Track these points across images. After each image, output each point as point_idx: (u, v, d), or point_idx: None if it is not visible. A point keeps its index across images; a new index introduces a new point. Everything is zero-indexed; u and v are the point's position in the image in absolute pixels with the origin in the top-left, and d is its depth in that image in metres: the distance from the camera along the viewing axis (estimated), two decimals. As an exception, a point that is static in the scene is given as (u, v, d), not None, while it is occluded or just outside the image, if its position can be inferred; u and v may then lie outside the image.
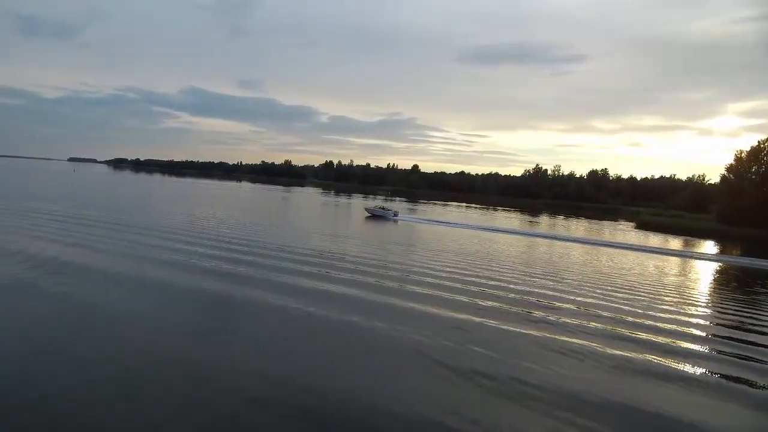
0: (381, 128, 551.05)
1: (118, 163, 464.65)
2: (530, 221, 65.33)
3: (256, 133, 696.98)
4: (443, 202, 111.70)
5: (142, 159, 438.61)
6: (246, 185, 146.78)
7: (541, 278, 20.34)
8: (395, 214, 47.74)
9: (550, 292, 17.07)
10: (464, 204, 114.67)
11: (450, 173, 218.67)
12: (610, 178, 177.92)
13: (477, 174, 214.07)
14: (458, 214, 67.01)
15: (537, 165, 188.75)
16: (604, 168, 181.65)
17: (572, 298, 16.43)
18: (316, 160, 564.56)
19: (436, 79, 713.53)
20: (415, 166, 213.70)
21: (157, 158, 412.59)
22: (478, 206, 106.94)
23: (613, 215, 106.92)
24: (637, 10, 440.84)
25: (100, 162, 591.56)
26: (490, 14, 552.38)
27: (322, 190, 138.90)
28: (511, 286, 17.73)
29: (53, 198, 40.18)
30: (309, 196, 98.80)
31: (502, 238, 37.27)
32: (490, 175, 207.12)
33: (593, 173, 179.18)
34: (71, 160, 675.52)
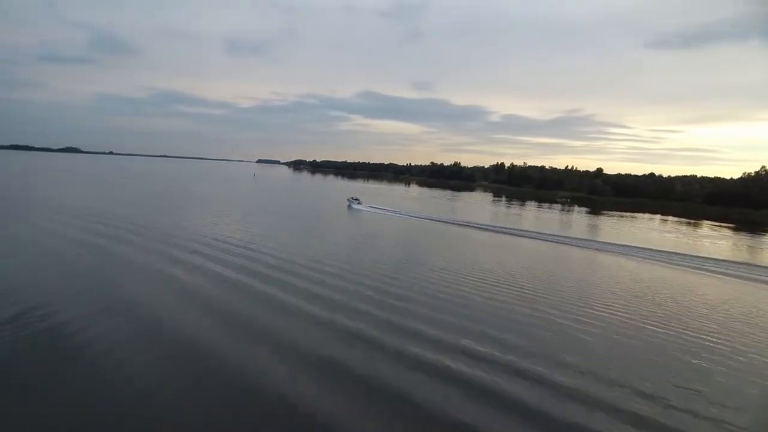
0: (556, 126, 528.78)
1: (297, 165, 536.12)
2: (749, 245, 57.79)
3: (426, 133, 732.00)
4: (631, 213, 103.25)
5: (318, 160, 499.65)
6: (414, 189, 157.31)
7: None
8: (359, 203, 68.84)
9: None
10: (658, 215, 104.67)
11: (637, 175, 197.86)
12: None
13: (670, 176, 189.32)
14: (645, 235, 62.55)
15: (762, 166, 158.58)
16: None
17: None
18: (486, 160, 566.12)
19: (620, 71, 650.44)
20: (599, 169, 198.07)
21: (332, 159, 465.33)
22: (676, 219, 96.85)
23: None
24: None
25: (283, 163, 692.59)
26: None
27: (492, 196, 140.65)
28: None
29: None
30: (477, 204, 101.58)
31: (703, 281, 33.09)
32: (692, 178, 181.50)
33: None
34: (259, 162, 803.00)
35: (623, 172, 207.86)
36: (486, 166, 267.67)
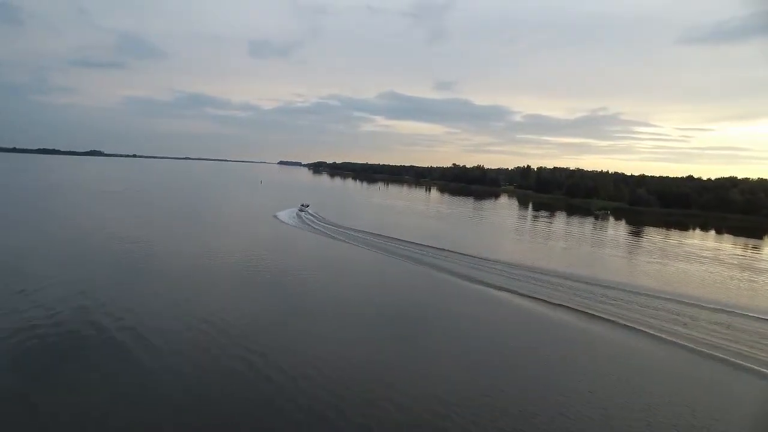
0: (580, 126, 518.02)
1: (317, 167, 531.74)
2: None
3: (449, 134, 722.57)
4: (679, 231, 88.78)
5: (338, 162, 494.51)
6: (435, 197, 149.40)
7: None
8: (306, 206, 71.54)
9: None
10: (711, 232, 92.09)
11: (674, 177, 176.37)
12: None
13: (711, 178, 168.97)
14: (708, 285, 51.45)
15: None
16: None
17: None
18: (510, 161, 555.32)
19: (648, 69, 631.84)
20: (642, 176, 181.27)
21: (353, 161, 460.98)
22: (745, 242, 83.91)
23: None
24: None
25: (304, 165, 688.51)
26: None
27: (518, 206, 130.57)
28: None
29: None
30: (502, 224, 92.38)
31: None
32: (756, 184, 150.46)
33: None
34: (281, 163, 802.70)
35: (653, 174, 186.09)
36: (510, 168, 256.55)
